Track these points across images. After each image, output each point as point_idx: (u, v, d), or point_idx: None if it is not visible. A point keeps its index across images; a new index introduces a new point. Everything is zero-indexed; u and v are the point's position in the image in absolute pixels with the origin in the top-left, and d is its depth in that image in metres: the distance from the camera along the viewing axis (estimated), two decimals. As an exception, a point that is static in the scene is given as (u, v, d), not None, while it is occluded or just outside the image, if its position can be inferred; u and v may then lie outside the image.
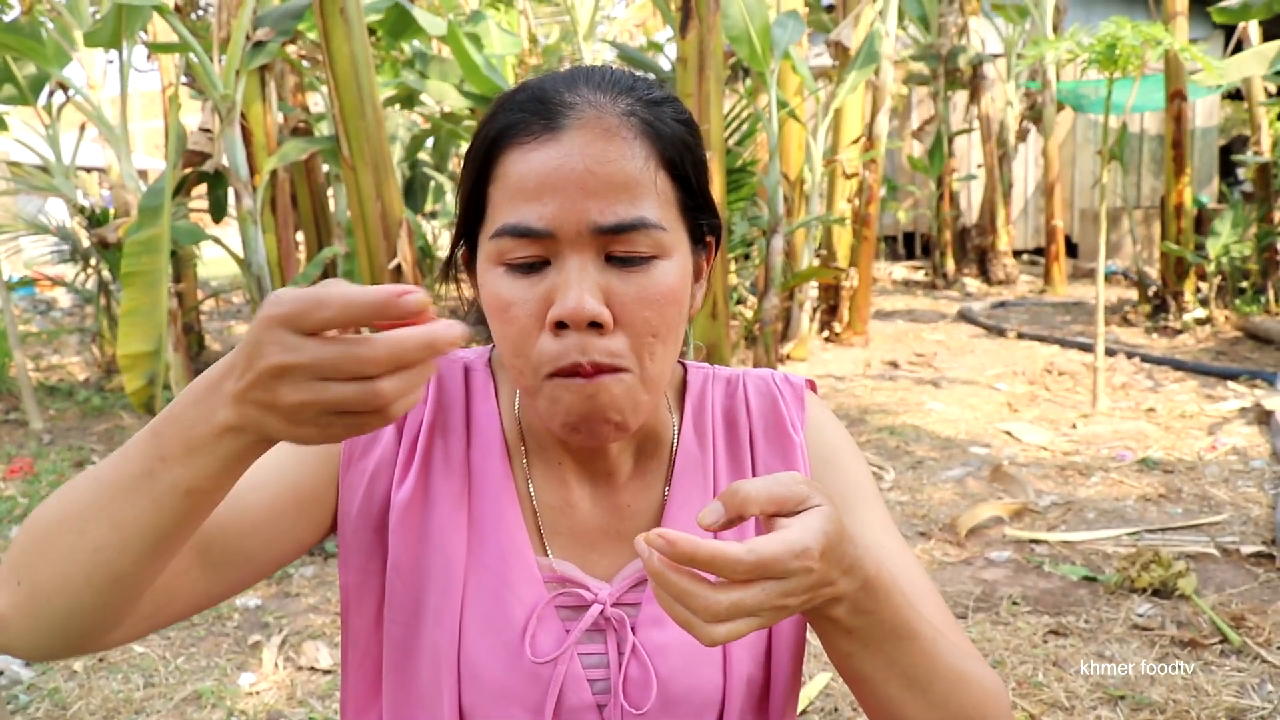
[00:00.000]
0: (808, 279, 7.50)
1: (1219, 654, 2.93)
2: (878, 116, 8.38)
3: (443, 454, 0.93)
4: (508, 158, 0.81)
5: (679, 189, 0.84)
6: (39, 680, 3.03)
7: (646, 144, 0.81)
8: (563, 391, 0.81)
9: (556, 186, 0.78)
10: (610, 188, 0.79)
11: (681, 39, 4.87)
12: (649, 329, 0.81)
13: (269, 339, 0.61)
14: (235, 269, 12.81)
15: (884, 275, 13.31)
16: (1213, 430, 5.30)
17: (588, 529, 0.94)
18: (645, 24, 12.81)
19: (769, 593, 0.65)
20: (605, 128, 0.80)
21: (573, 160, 0.79)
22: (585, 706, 0.88)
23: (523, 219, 0.79)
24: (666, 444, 0.97)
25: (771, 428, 0.98)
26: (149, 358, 4.09)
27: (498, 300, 0.82)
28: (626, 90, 0.83)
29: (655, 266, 0.81)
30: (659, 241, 0.81)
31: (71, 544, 0.69)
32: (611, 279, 0.80)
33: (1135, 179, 13.87)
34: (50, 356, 8.44)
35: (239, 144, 4.55)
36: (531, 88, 0.84)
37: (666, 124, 0.84)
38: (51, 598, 0.71)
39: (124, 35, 4.59)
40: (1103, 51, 5.34)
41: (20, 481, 5.01)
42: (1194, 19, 8.99)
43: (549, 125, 0.80)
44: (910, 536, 4.01)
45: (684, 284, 0.84)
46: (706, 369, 1.03)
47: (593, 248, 0.80)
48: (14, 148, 8.29)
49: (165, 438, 0.66)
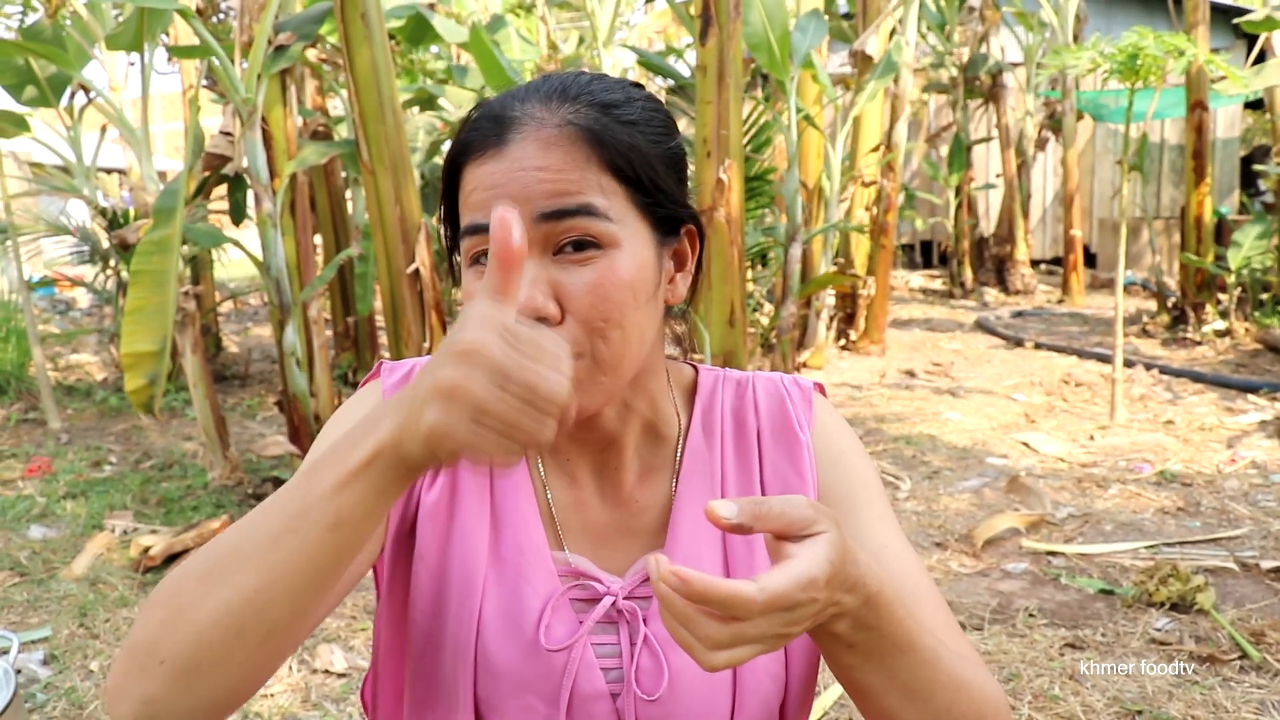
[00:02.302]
0: (825, 286, 7.49)
1: (1238, 670, 2.90)
2: (896, 125, 8.36)
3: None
4: (466, 172, 0.87)
5: (628, 187, 0.86)
6: (56, 679, 3.04)
7: (585, 148, 0.84)
8: None
9: (500, 193, 0.83)
10: (548, 188, 0.83)
11: (701, 46, 4.86)
12: (599, 315, 0.83)
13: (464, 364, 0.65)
14: (252, 271, 12.87)
15: (901, 284, 13.27)
16: (1232, 443, 5.26)
17: (599, 525, 0.97)
18: (665, 31, 12.84)
19: (773, 623, 0.66)
20: (542, 139, 0.84)
21: (514, 168, 0.83)
22: (599, 694, 0.90)
23: (474, 218, 0.85)
24: (675, 442, 1.00)
25: (779, 427, 1.01)
26: (152, 357, 4.09)
27: (467, 293, 0.89)
28: (572, 99, 0.87)
29: (604, 257, 0.84)
30: (604, 232, 0.84)
31: (221, 601, 0.70)
32: (560, 273, 0.83)
33: (1155, 189, 13.80)
34: (69, 356, 8.48)
35: (259, 147, 4.56)
36: (488, 105, 0.89)
37: (609, 128, 0.86)
38: (201, 667, 0.71)
39: (146, 38, 4.61)
40: (1124, 62, 5.31)
41: (39, 480, 5.04)
42: (1215, 28, 8.95)
43: (497, 141, 0.85)
44: (926, 547, 3.99)
45: (639, 274, 0.86)
46: (718, 371, 1.06)
47: (539, 243, 0.83)
48: (36, 149, 8.34)
49: (317, 474, 0.70)
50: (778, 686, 0.94)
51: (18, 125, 6.02)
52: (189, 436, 5.92)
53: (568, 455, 0.98)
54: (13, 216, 6.28)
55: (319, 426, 4.65)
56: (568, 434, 0.93)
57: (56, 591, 3.71)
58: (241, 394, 7.28)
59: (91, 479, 5.08)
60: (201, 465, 5.20)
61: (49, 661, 3.17)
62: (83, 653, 3.22)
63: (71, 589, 3.73)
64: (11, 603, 3.63)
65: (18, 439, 5.85)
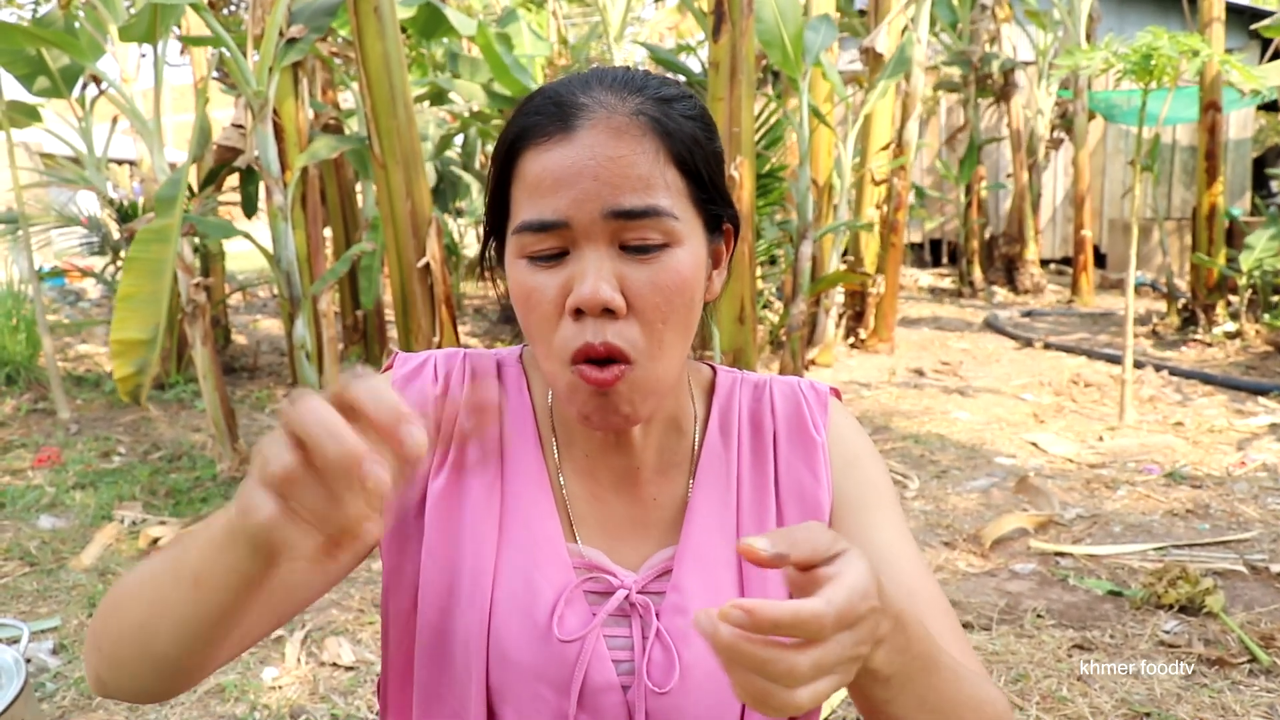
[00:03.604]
0: (835, 284, 7.47)
1: (1247, 673, 2.89)
2: (907, 123, 8.33)
3: (479, 445, 0.97)
4: (526, 158, 0.86)
5: (689, 182, 0.87)
6: (65, 669, 3.05)
7: (655, 140, 0.84)
8: (578, 386, 0.85)
9: (570, 182, 0.82)
10: (622, 179, 0.82)
11: (714, 43, 4.86)
12: (660, 315, 0.84)
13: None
14: (261, 263, 12.90)
15: (910, 282, 13.24)
16: (1242, 445, 5.24)
17: (615, 519, 0.98)
18: (676, 27, 12.80)
19: (844, 645, 0.62)
20: (614, 126, 0.83)
21: (585, 157, 0.83)
22: (610, 686, 0.90)
23: (539, 214, 0.84)
24: (692, 440, 1.01)
25: (795, 430, 1.01)
26: (142, 346, 4.08)
27: (521, 290, 0.87)
28: (637, 90, 0.87)
29: (668, 254, 0.84)
30: (671, 230, 0.84)
31: (124, 621, 0.79)
32: (625, 267, 0.84)
33: (1166, 190, 13.75)
34: (78, 347, 8.50)
35: (271, 140, 4.57)
36: (548, 91, 0.88)
37: (675, 121, 0.87)
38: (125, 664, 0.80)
39: (159, 30, 4.62)
40: (1138, 62, 5.29)
41: (48, 471, 5.05)
42: (1230, 28, 8.90)
43: (563, 126, 0.84)
44: (934, 546, 3.98)
45: (696, 272, 0.87)
46: (736, 374, 1.06)
47: (606, 236, 0.83)
48: (47, 139, 8.36)
49: (199, 530, 0.74)
50: None
51: (29, 116, 6.03)
52: (198, 428, 5.93)
53: (586, 449, 0.98)
54: (24, 207, 6.28)
55: (328, 419, 4.65)
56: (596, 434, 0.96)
57: (66, 581, 3.72)
58: (250, 386, 7.30)
59: (101, 470, 5.10)
60: (210, 457, 5.22)
61: (58, 651, 3.18)
62: (91, 643, 3.23)
63: (80, 579, 3.74)
64: (21, 592, 3.64)
65: (27, 429, 5.87)
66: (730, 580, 0.95)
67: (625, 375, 0.84)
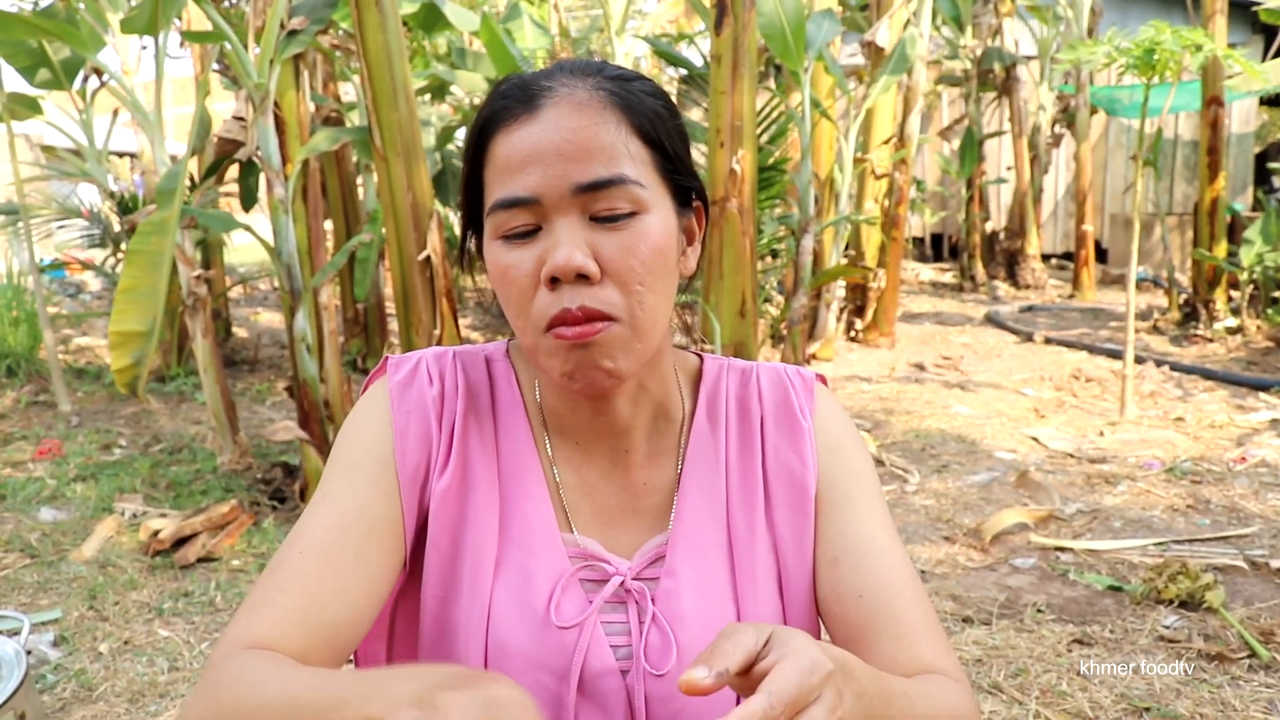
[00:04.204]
0: (835, 278, 7.47)
1: (1247, 669, 2.89)
2: (909, 117, 8.32)
3: (478, 439, 0.99)
4: (495, 141, 0.89)
5: (654, 152, 0.90)
6: (66, 661, 3.06)
7: (616, 113, 0.88)
8: (558, 344, 0.87)
9: (537, 158, 0.86)
10: (586, 152, 0.86)
11: (716, 36, 4.85)
12: (635, 278, 0.86)
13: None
14: (261, 256, 12.89)
15: (911, 277, 13.23)
16: (1242, 441, 5.24)
17: (607, 507, 1.00)
18: (677, 20, 12.78)
19: (821, 718, 0.63)
20: (577, 102, 0.87)
21: (549, 133, 0.86)
22: (608, 671, 0.92)
23: (510, 191, 0.87)
24: (680, 425, 1.03)
25: (782, 414, 1.03)
26: (140, 338, 4.08)
27: (498, 268, 0.90)
28: (596, 71, 0.91)
29: (637, 221, 0.87)
30: (637, 197, 0.87)
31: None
32: (597, 235, 0.86)
33: (1168, 185, 13.73)
34: (79, 339, 8.50)
35: (271, 132, 4.55)
36: (514, 79, 0.92)
37: (636, 96, 0.90)
38: None
39: (160, 22, 4.61)
40: (1141, 56, 5.28)
41: (49, 463, 5.05)
42: (1233, 22, 8.88)
43: (528, 107, 0.88)
44: (934, 540, 3.98)
45: (668, 238, 0.90)
46: (723, 361, 1.09)
47: (576, 208, 0.86)
48: (48, 131, 8.36)
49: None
50: None
51: (30, 108, 6.02)
52: (199, 421, 5.93)
53: (578, 438, 1.00)
54: (24, 199, 6.28)
55: (329, 412, 4.66)
56: (584, 418, 0.98)
57: (66, 574, 3.73)
58: (251, 379, 7.30)
59: (101, 462, 5.10)
60: (211, 449, 5.22)
61: (59, 643, 3.18)
62: (92, 635, 3.24)
63: (81, 571, 3.74)
64: (22, 584, 3.64)
65: (28, 421, 5.87)
66: (721, 563, 0.97)
67: (606, 330, 0.86)
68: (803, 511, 0.98)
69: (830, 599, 0.95)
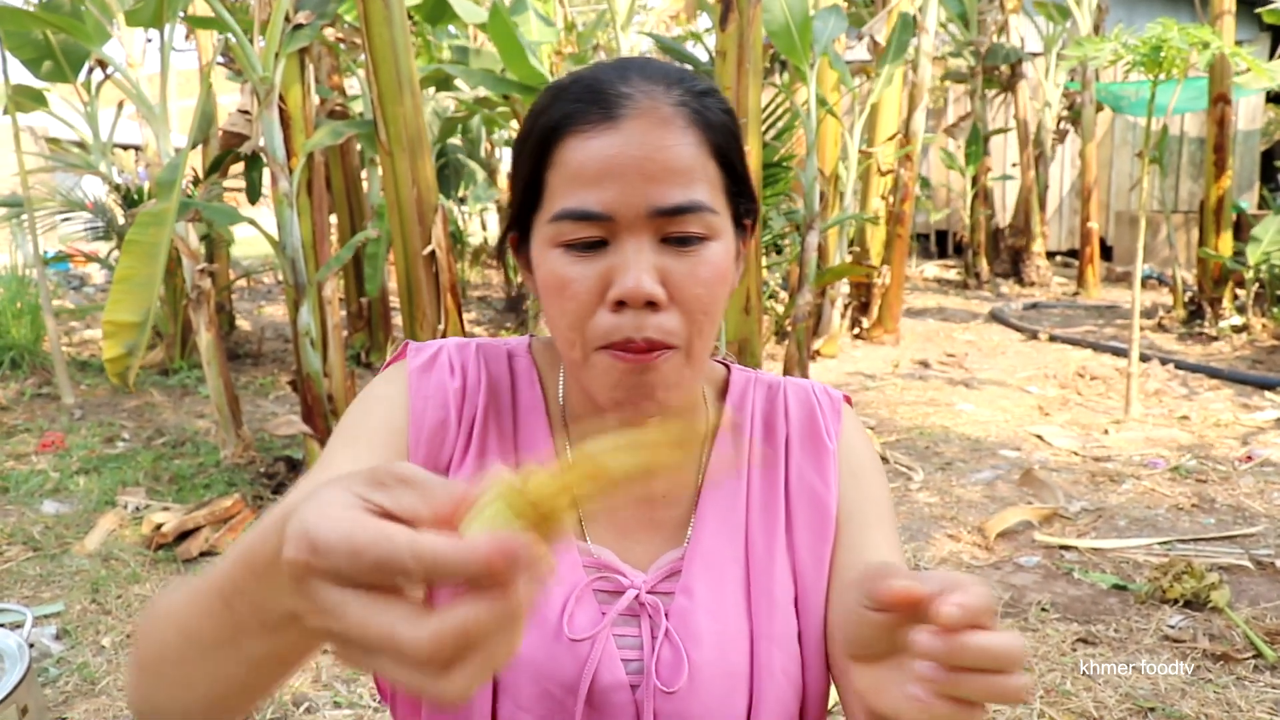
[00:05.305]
0: (841, 276, 7.46)
1: (1252, 669, 2.88)
2: (914, 114, 8.30)
3: (496, 438, 0.96)
4: (566, 145, 0.84)
5: (725, 175, 0.87)
6: (68, 655, 3.06)
7: (698, 132, 0.84)
8: (612, 365, 0.84)
9: (616, 172, 0.82)
10: (667, 173, 0.82)
11: (721, 31, 4.83)
12: (700, 306, 0.84)
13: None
14: (266, 249, 12.88)
15: (916, 273, 13.22)
16: (1248, 440, 5.23)
17: (623, 516, 0.97)
18: (679, 15, 12.76)
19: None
20: (661, 117, 0.83)
21: (631, 148, 0.82)
22: (619, 685, 0.90)
23: (582, 203, 0.82)
24: (703, 438, 1.00)
25: (808, 435, 1.01)
26: (133, 328, 4.07)
27: (556, 279, 0.85)
28: (676, 82, 0.86)
29: (706, 248, 0.84)
30: (710, 224, 0.84)
31: (178, 682, 0.69)
32: (666, 259, 0.83)
33: (1173, 182, 13.69)
34: (82, 332, 8.51)
35: (276, 126, 4.55)
36: (584, 79, 0.87)
37: (714, 114, 0.87)
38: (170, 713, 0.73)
39: (165, 15, 4.60)
40: (1148, 54, 5.26)
41: (52, 456, 5.05)
42: (1240, 20, 8.85)
43: (607, 114, 0.83)
44: (939, 539, 3.98)
45: (730, 265, 0.88)
46: (750, 373, 1.06)
47: (649, 230, 0.83)
48: (53, 124, 8.35)
49: (237, 613, 0.59)
50: (795, 690, 0.94)
51: (35, 100, 6.02)
52: (202, 414, 5.93)
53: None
54: (29, 191, 6.28)
55: (332, 406, 4.65)
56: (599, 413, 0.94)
57: (69, 567, 3.73)
58: (254, 372, 7.30)
59: (104, 455, 5.10)
60: (214, 443, 5.22)
61: (61, 636, 3.18)
62: (95, 628, 3.23)
63: (84, 564, 3.74)
64: (24, 578, 3.64)
65: (31, 414, 5.87)
66: (737, 582, 0.95)
67: (664, 357, 0.84)
68: (823, 536, 0.97)
69: (840, 624, 0.93)
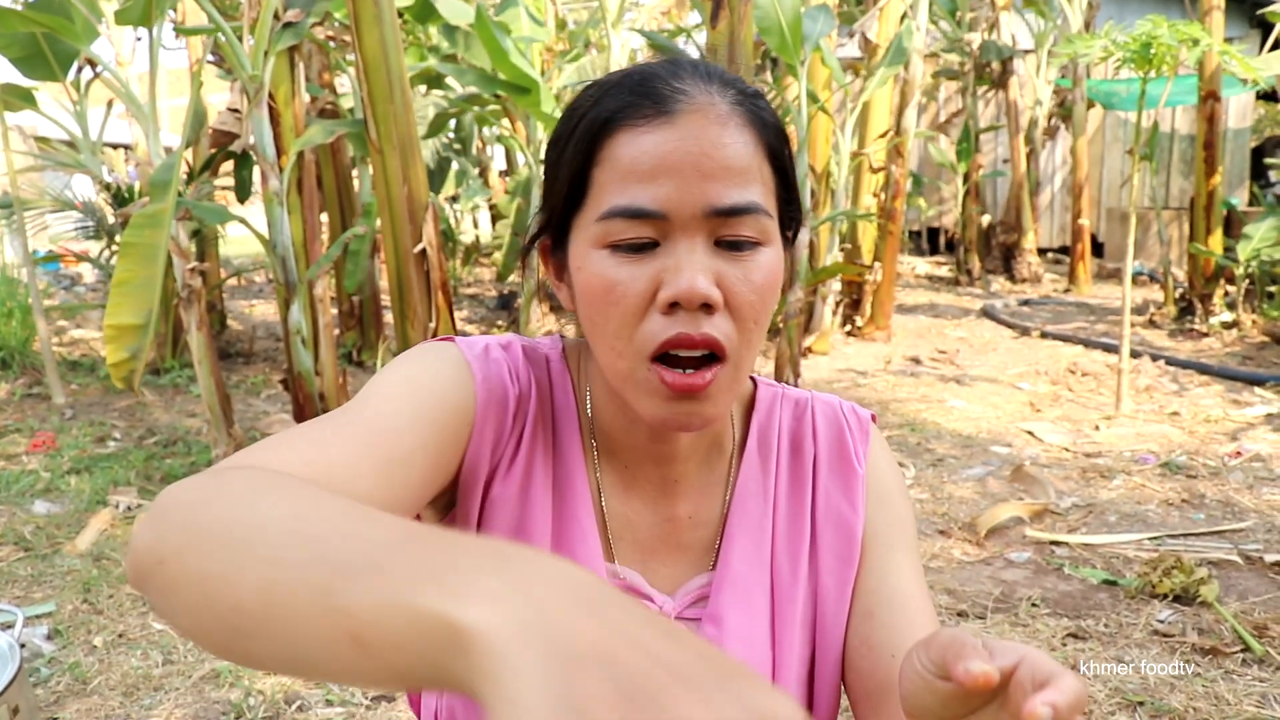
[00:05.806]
0: (833, 274, 7.47)
1: (1241, 663, 2.90)
2: (906, 111, 8.31)
3: (542, 447, 0.92)
4: (617, 140, 0.81)
5: (778, 179, 0.85)
6: (60, 654, 3.05)
7: (754, 132, 0.82)
8: (661, 386, 0.80)
9: (671, 169, 0.78)
10: (725, 172, 0.79)
11: (712, 28, 4.83)
12: (751, 313, 0.81)
13: None
14: (256, 247, 12.84)
15: (907, 270, 13.23)
16: (1237, 436, 5.25)
17: (650, 538, 0.94)
18: (670, 12, 12.76)
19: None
20: (718, 114, 0.80)
21: (688, 144, 0.78)
22: None
23: (635, 200, 0.79)
24: (729, 456, 0.98)
25: (836, 456, 0.99)
26: (136, 331, 4.06)
27: (602, 281, 0.81)
28: (729, 82, 0.84)
29: (760, 253, 0.82)
30: (764, 228, 0.81)
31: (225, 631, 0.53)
32: (718, 262, 0.80)
33: (1164, 179, 13.74)
34: (73, 331, 8.48)
35: (266, 125, 4.54)
36: (634, 74, 0.83)
37: (768, 115, 0.85)
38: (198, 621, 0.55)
39: (154, 14, 4.59)
40: (1138, 50, 5.27)
41: (43, 456, 5.04)
42: (1230, 16, 8.88)
43: (661, 109, 0.80)
44: (929, 535, 3.99)
45: (780, 272, 0.85)
46: (776, 388, 1.03)
47: (704, 231, 0.79)
48: (41, 123, 8.32)
49: (374, 660, 0.46)
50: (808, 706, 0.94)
51: (24, 99, 5.99)
52: (193, 413, 5.92)
53: (628, 461, 0.94)
54: (18, 191, 6.26)
55: (324, 405, 4.65)
56: (640, 442, 0.92)
57: (60, 567, 3.72)
58: (246, 371, 7.28)
59: (95, 454, 5.09)
60: (205, 442, 5.21)
61: (53, 636, 3.18)
62: (86, 628, 3.23)
63: (75, 564, 3.74)
64: (16, 578, 3.64)
65: (22, 414, 5.86)
66: (763, 608, 0.93)
67: (718, 376, 0.81)
68: (849, 561, 0.95)
69: (859, 651, 0.92)
